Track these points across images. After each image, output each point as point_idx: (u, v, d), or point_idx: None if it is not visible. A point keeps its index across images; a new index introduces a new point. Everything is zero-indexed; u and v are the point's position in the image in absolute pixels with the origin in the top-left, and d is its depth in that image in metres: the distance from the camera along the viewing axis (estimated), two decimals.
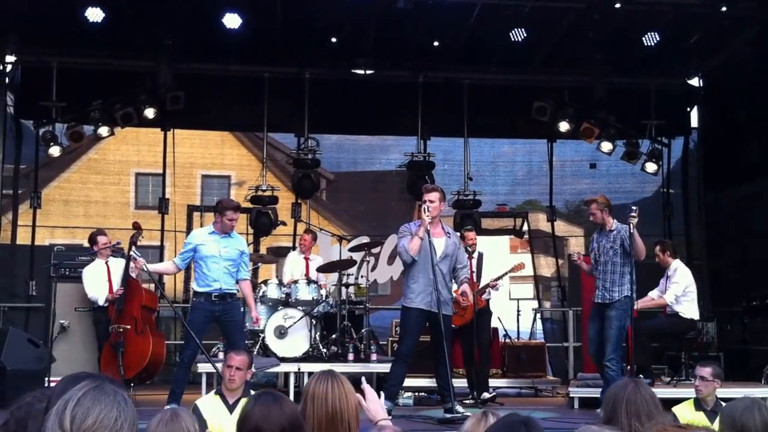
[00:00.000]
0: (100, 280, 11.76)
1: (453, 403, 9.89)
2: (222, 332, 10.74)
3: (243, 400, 6.47)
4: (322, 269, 13.47)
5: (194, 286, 10.42)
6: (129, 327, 11.10)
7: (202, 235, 10.42)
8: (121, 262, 11.38)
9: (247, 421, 3.92)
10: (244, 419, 3.94)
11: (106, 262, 11.86)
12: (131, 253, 10.59)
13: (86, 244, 15.05)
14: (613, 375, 9.98)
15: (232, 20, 13.43)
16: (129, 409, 2.74)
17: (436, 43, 14.56)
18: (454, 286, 10.92)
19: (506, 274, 12.10)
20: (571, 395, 11.81)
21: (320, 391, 4.32)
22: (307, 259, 13.53)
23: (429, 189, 10.15)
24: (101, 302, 11.65)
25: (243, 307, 11.14)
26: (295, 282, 12.78)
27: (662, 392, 9.46)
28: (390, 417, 9.54)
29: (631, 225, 10.02)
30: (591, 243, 10.68)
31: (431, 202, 9.88)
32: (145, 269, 10.41)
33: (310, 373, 11.92)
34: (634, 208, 10.20)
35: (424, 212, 9.83)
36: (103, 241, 11.94)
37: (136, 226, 11.39)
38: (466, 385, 11.92)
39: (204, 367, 11.20)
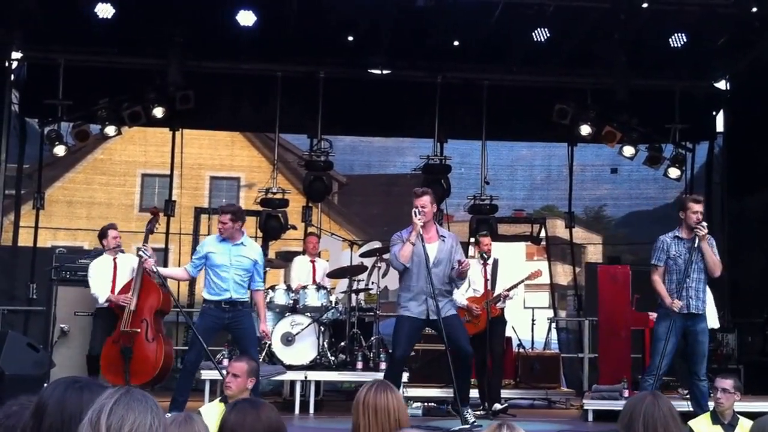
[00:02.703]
0: (104, 276, 11.36)
1: (462, 410, 9.66)
2: (233, 340, 10.46)
3: None
4: (332, 275, 13.21)
5: (204, 293, 10.09)
6: (139, 331, 10.65)
7: (212, 243, 10.06)
8: (129, 258, 11.11)
9: (224, 428, 3.98)
10: (221, 426, 3.99)
11: (114, 259, 11.44)
12: (140, 252, 10.12)
13: (87, 247, 14.83)
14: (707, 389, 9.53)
15: (246, 17, 13.23)
16: (161, 414, 2.75)
17: (456, 43, 14.19)
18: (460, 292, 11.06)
19: (522, 281, 11.87)
20: (585, 407, 11.51)
21: (381, 403, 4.32)
22: (313, 262, 13.21)
23: (419, 193, 9.77)
24: (101, 300, 11.25)
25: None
26: (304, 288, 12.42)
27: (680, 405, 9.08)
28: None
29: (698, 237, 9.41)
30: (671, 248, 9.58)
31: (422, 207, 9.58)
32: (154, 270, 9.99)
33: (317, 382, 11.71)
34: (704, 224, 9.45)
35: (415, 216, 9.52)
36: (113, 235, 11.52)
37: (154, 212, 11.02)
38: (477, 395, 11.60)
39: (208, 374, 10.93)
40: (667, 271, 9.61)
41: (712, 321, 11.49)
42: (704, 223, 9.33)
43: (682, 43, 13.54)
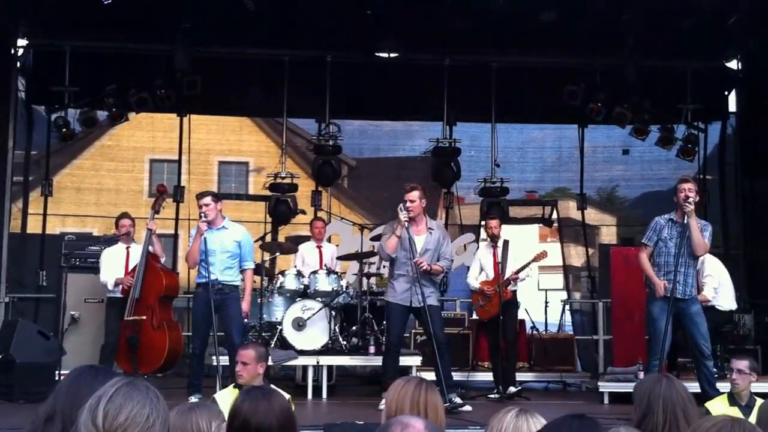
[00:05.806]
0: (116, 264, 11.46)
1: (446, 395, 9.83)
2: (219, 322, 10.49)
3: None
4: (343, 259, 13.20)
5: (195, 279, 10.49)
6: (144, 318, 10.63)
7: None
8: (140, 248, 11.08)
9: (236, 416, 3.98)
10: (233, 414, 4.00)
11: (128, 248, 11.53)
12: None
13: (96, 233, 14.82)
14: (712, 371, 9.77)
15: (251, 1, 12.95)
16: (161, 406, 2.82)
17: (464, 25, 13.94)
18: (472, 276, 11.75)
19: (528, 264, 11.82)
20: (600, 390, 11.61)
21: (432, 402, 4.13)
22: (319, 248, 13.18)
23: (408, 188, 10.47)
24: (110, 286, 11.36)
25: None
26: (315, 272, 12.40)
27: (695, 387, 9.13)
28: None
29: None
30: (663, 230, 9.80)
31: (411, 201, 10.29)
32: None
33: (329, 367, 11.80)
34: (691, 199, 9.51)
35: (401, 212, 10.21)
36: (122, 224, 11.65)
37: (161, 190, 11.07)
38: (492, 378, 11.93)
39: (221, 360, 10.83)
40: (656, 253, 9.81)
41: (730, 302, 11.53)
42: (690, 199, 9.42)
43: (693, 21, 13.26)
